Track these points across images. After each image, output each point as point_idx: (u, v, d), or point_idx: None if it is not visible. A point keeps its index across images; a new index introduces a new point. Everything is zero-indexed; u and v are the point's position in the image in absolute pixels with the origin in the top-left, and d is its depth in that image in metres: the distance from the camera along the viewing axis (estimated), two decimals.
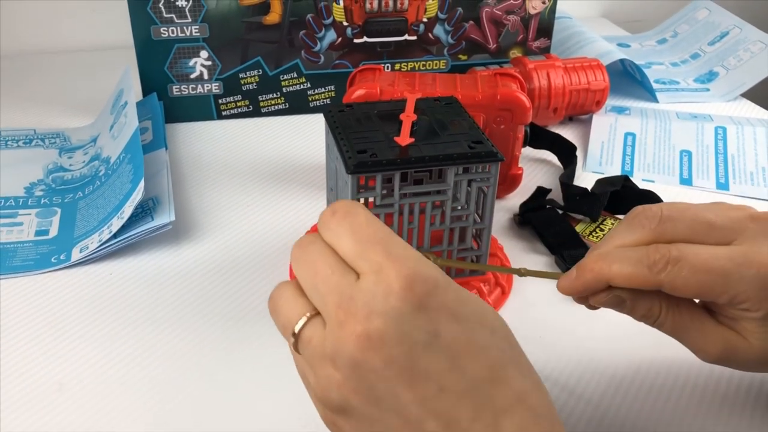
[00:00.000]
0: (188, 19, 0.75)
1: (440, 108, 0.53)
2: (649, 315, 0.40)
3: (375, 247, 0.32)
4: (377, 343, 0.30)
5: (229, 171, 0.71)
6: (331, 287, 0.32)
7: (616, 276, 0.38)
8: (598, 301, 0.40)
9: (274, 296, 0.35)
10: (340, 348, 0.31)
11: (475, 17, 0.82)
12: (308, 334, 0.33)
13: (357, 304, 0.31)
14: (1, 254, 0.58)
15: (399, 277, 0.31)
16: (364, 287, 0.31)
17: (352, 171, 0.46)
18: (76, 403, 0.45)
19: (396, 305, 0.31)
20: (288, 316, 0.34)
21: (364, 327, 0.31)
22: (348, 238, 0.33)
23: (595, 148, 0.76)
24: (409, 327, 0.31)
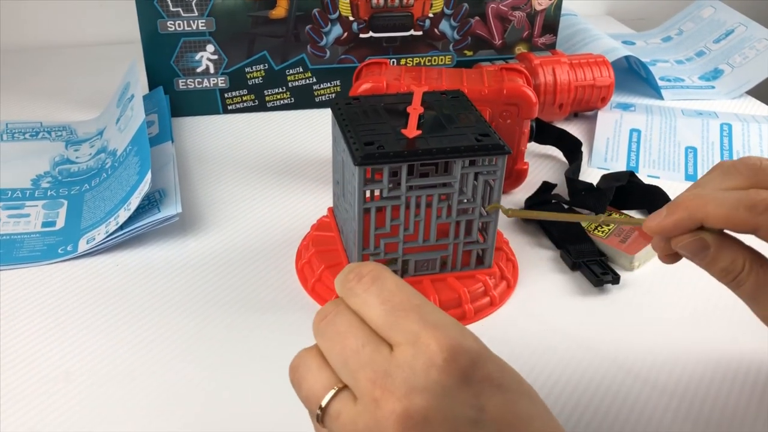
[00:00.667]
0: (195, 12, 0.76)
1: (447, 101, 0.53)
2: (731, 269, 0.37)
3: (409, 316, 0.30)
4: (420, 422, 0.28)
5: (235, 164, 0.72)
6: (363, 362, 0.29)
7: (712, 214, 0.36)
8: (681, 245, 0.37)
9: (296, 365, 0.32)
10: (374, 426, 0.28)
11: (481, 13, 0.82)
12: (337, 407, 0.30)
13: (395, 381, 0.29)
14: (8, 245, 0.58)
15: (440, 349, 0.29)
16: (401, 361, 0.29)
17: (359, 163, 0.46)
18: (83, 392, 0.45)
19: (438, 379, 0.28)
20: (313, 388, 0.31)
21: (404, 405, 0.28)
22: (378, 306, 0.30)
23: (601, 144, 0.76)
24: (453, 403, 0.29)
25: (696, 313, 0.54)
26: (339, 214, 0.57)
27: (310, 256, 0.56)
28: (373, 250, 0.51)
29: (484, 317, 0.53)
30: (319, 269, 0.54)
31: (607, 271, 0.56)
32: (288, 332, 0.51)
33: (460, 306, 0.52)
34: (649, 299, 0.55)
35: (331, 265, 0.54)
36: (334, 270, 0.53)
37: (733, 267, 0.37)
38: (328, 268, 0.54)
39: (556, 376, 0.47)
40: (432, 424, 0.28)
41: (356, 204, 0.48)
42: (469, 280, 0.53)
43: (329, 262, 0.54)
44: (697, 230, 0.37)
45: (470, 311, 0.52)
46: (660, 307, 0.54)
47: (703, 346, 0.50)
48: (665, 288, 0.56)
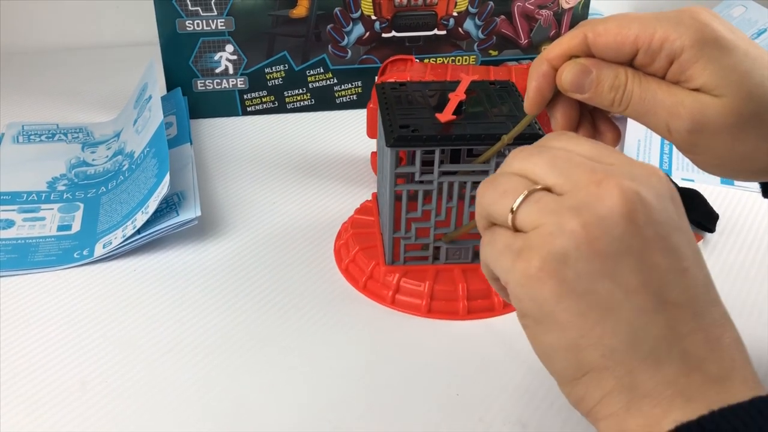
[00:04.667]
0: (214, 12, 0.74)
1: (495, 91, 0.53)
2: (616, 84, 0.38)
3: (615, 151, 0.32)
4: (641, 201, 0.30)
5: (254, 167, 0.70)
6: (577, 163, 0.31)
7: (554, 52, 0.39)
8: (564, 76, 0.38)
9: (487, 180, 0.34)
10: (592, 200, 0.30)
11: (507, 12, 0.80)
12: (536, 195, 0.31)
13: (616, 170, 0.30)
14: (23, 249, 0.56)
15: (656, 170, 0.31)
16: (621, 167, 0.31)
17: (391, 144, 0.46)
18: (99, 402, 0.44)
19: (657, 185, 0.31)
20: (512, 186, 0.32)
21: (628, 184, 0.30)
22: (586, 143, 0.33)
23: (632, 147, 0.73)
24: (667, 206, 0.31)
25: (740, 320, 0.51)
26: (379, 198, 0.57)
27: (347, 238, 0.56)
28: (404, 233, 0.51)
29: (513, 311, 0.51)
30: (354, 250, 0.55)
31: None
32: (313, 338, 0.49)
33: (489, 297, 0.52)
34: None
35: (366, 247, 0.54)
36: (368, 252, 0.54)
37: (618, 81, 0.38)
38: (362, 249, 0.54)
39: None
40: (652, 209, 0.30)
41: (388, 186, 0.49)
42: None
43: (364, 244, 0.55)
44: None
45: (499, 304, 0.52)
46: None
47: (749, 355, 0.48)
48: None
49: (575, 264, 0.30)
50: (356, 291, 0.53)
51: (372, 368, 0.47)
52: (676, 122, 0.37)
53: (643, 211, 0.30)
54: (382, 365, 0.47)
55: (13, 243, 0.57)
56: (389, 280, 0.52)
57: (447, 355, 0.48)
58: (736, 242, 0.59)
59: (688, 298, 0.30)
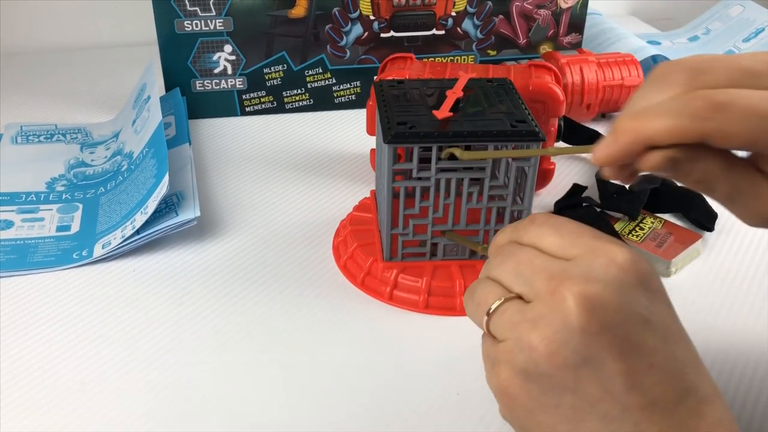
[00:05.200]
0: (212, 12, 0.74)
1: (492, 88, 0.53)
2: (704, 179, 0.34)
3: (584, 235, 0.31)
4: (597, 304, 0.29)
5: (253, 167, 0.70)
6: (538, 268, 0.31)
7: (658, 131, 0.32)
8: (650, 164, 0.33)
9: (470, 287, 0.34)
10: (548, 311, 0.30)
11: (505, 11, 0.80)
12: (504, 307, 0.32)
13: (573, 273, 0.30)
14: (22, 250, 0.56)
15: (621, 253, 0.30)
16: (579, 262, 0.30)
17: (389, 141, 0.47)
18: (99, 402, 0.44)
19: (618, 276, 0.30)
20: (484, 298, 0.32)
21: (581, 288, 0.29)
22: (552, 234, 0.32)
23: None
24: (629, 299, 0.30)
25: (739, 319, 0.51)
26: (377, 195, 0.57)
27: (345, 235, 0.56)
28: (402, 230, 0.51)
29: None
30: (352, 247, 0.55)
31: None
32: (324, 328, 0.49)
33: None
34: (689, 305, 0.52)
35: (364, 243, 0.55)
36: (366, 248, 0.54)
37: (705, 177, 0.34)
38: (360, 246, 0.54)
39: None
40: (607, 311, 0.29)
41: (385, 183, 0.49)
42: None
43: (362, 240, 0.55)
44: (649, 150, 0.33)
45: None
46: (700, 313, 0.52)
47: (748, 353, 0.48)
48: (705, 294, 0.53)
49: (538, 380, 0.30)
50: (354, 287, 0.54)
51: (370, 364, 0.47)
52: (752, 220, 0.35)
53: (597, 318, 0.29)
54: (381, 361, 0.47)
55: (12, 244, 0.57)
56: (387, 276, 0.52)
57: (445, 351, 0.48)
58: (735, 241, 0.59)
59: (655, 396, 0.29)
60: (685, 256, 0.56)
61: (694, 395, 0.30)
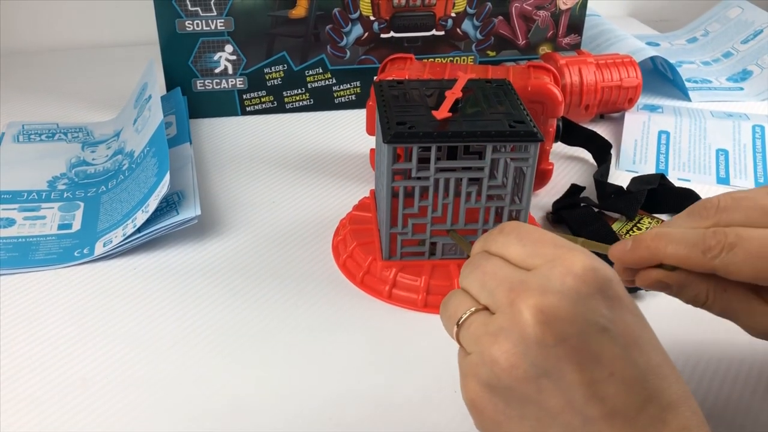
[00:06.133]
0: (213, 12, 0.74)
1: (491, 89, 0.53)
2: (696, 299, 0.39)
3: (546, 244, 0.32)
4: (552, 316, 0.30)
5: (254, 166, 0.70)
6: (500, 280, 0.32)
7: (671, 256, 0.37)
8: (644, 281, 0.39)
9: (444, 299, 0.35)
10: (507, 324, 0.30)
11: (505, 12, 0.81)
12: (471, 319, 0.32)
13: (530, 285, 0.30)
14: (24, 248, 0.57)
15: (578, 262, 0.31)
16: (537, 272, 0.31)
17: (388, 141, 0.47)
18: (100, 399, 0.44)
19: (574, 285, 0.30)
20: (455, 310, 0.34)
21: (537, 300, 0.30)
22: (516, 244, 0.33)
23: (629, 147, 0.74)
24: (586, 309, 0.30)
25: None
26: (376, 195, 0.58)
27: (345, 234, 0.57)
28: (401, 229, 0.52)
29: None
30: (351, 246, 0.55)
31: None
32: (323, 326, 0.49)
33: None
34: (687, 307, 0.53)
35: (363, 242, 0.55)
36: (366, 247, 0.54)
37: (697, 298, 0.39)
38: (360, 245, 0.55)
39: None
40: (563, 322, 0.29)
41: (385, 183, 0.49)
42: None
43: (362, 239, 0.55)
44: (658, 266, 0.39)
45: None
46: (695, 313, 0.52)
47: (743, 353, 0.48)
48: None
49: (502, 393, 0.31)
50: (354, 286, 0.54)
51: (369, 362, 0.47)
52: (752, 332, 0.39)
53: (553, 330, 0.30)
54: (380, 359, 0.47)
55: (14, 241, 0.57)
56: (386, 275, 0.52)
57: (443, 349, 0.48)
58: None
59: (615, 405, 0.29)
60: None
61: (656, 402, 0.30)
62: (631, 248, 0.39)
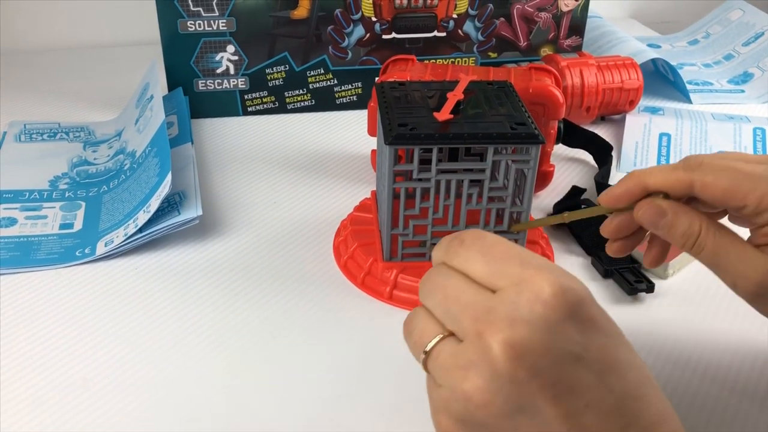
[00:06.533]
0: (215, 12, 0.74)
1: (492, 91, 0.53)
2: (689, 233, 0.39)
3: (511, 262, 0.30)
4: (523, 351, 0.28)
5: (255, 167, 0.70)
6: (465, 305, 0.30)
7: (654, 177, 0.40)
8: (640, 213, 0.40)
9: (408, 320, 0.34)
10: (477, 358, 0.29)
11: (506, 14, 0.81)
12: (438, 349, 0.31)
13: (498, 314, 0.29)
14: (25, 247, 0.57)
15: (546, 285, 0.29)
16: (504, 298, 0.30)
17: (390, 142, 0.47)
18: (101, 399, 0.44)
19: (543, 313, 0.29)
20: (420, 336, 0.32)
21: (506, 335, 0.29)
22: (479, 259, 0.31)
23: (629, 149, 0.74)
24: (557, 337, 0.29)
25: (736, 320, 0.51)
26: (377, 196, 0.58)
27: (346, 235, 0.57)
28: (402, 230, 0.52)
29: None
30: (353, 247, 0.55)
31: (640, 279, 0.54)
32: (324, 327, 0.49)
33: None
34: (685, 308, 0.53)
35: (364, 243, 0.55)
36: (366, 248, 0.55)
37: (691, 230, 0.39)
38: (360, 246, 0.55)
39: None
40: (535, 355, 0.28)
41: (386, 184, 0.49)
42: None
43: (363, 240, 0.55)
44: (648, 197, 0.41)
45: None
46: (696, 315, 0.52)
47: (745, 354, 0.48)
48: (701, 296, 0.54)
49: (477, 428, 0.30)
50: (354, 287, 0.54)
51: (370, 363, 0.47)
52: (742, 282, 0.38)
53: (526, 365, 0.28)
54: (380, 359, 0.47)
55: (16, 241, 0.58)
56: (387, 276, 0.53)
57: None
58: None
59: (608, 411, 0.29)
60: (683, 259, 0.56)
61: (636, 425, 0.29)
62: (617, 184, 0.41)
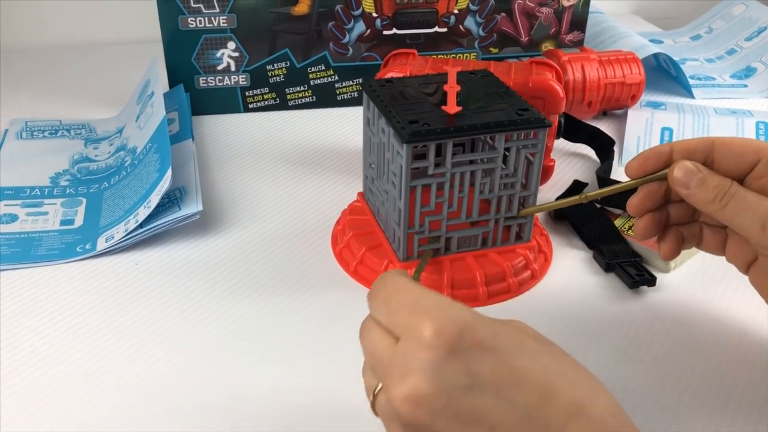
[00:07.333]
0: (216, 9, 0.74)
1: (477, 80, 0.54)
2: (722, 185, 0.42)
3: (402, 311, 0.33)
4: (418, 399, 0.31)
5: (256, 163, 0.70)
6: (377, 360, 0.34)
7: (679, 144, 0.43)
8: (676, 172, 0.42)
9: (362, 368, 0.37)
10: (392, 413, 0.32)
11: (508, 9, 0.80)
12: (378, 397, 0.34)
13: (394, 368, 0.32)
14: (26, 243, 0.57)
15: (425, 328, 0.32)
16: (398, 350, 0.32)
17: (407, 140, 0.46)
18: (102, 394, 0.44)
19: (428, 357, 0.31)
20: (367, 384, 0.36)
21: (401, 388, 0.31)
22: (382, 311, 0.35)
23: (631, 143, 0.74)
24: (445, 375, 0.31)
25: (738, 313, 0.51)
26: (373, 197, 0.57)
27: (348, 240, 0.56)
28: (418, 228, 0.51)
29: (527, 290, 0.54)
30: (360, 252, 0.54)
31: (642, 273, 0.54)
32: (333, 316, 0.50)
33: (504, 280, 0.53)
34: (687, 301, 0.53)
35: (372, 246, 0.54)
36: (376, 251, 0.54)
37: (723, 183, 0.42)
38: (369, 249, 0.54)
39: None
40: (429, 398, 0.31)
41: (402, 183, 0.48)
42: (511, 254, 0.54)
43: (369, 244, 0.55)
44: None
45: (514, 284, 0.53)
46: (698, 309, 0.52)
47: (747, 347, 0.48)
48: (703, 290, 0.54)
49: None
50: (360, 284, 0.54)
51: None
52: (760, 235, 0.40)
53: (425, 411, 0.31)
54: None
55: (17, 237, 0.58)
56: None
57: None
58: None
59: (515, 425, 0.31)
60: (685, 252, 0.56)
61: (548, 428, 0.31)
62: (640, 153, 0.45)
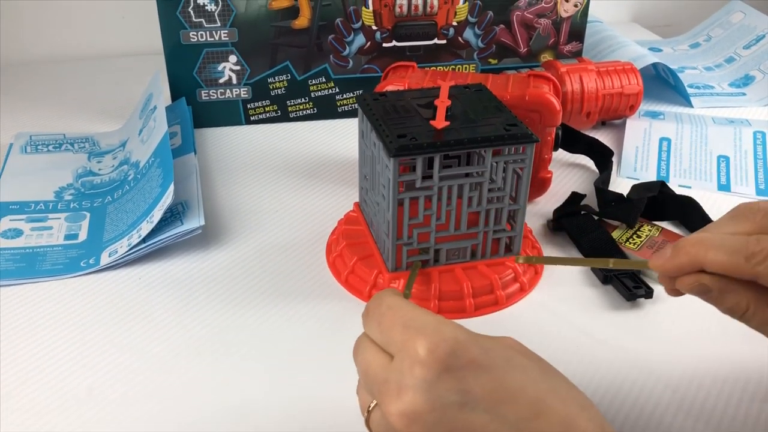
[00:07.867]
0: (217, 23, 0.75)
1: (471, 94, 0.55)
2: (736, 309, 0.37)
3: (395, 329, 0.34)
4: (413, 416, 0.32)
5: (258, 176, 0.71)
6: (372, 378, 0.35)
7: (711, 262, 0.36)
8: (684, 285, 0.38)
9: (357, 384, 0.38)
10: (387, 429, 0.33)
11: (506, 21, 0.81)
12: (372, 415, 0.36)
13: (389, 386, 0.33)
14: (30, 258, 0.58)
15: (420, 347, 0.32)
16: (393, 367, 0.33)
17: (394, 154, 0.47)
18: (105, 408, 0.45)
19: (421, 374, 0.32)
20: (362, 402, 0.37)
21: (397, 405, 0.32)
22: (375, 330, 0.36)
23: (630, 154, 0.74)
24: (438, 393, 0.32)
25: (734, 328, 0.51)
26: (367, 208, 0.57)
27: (341, 250, 0.57)
28: (407, 240, 0.52)
29: (516, 302, 0.54)
30: (352, 261, 0.55)
31: (639, 285, 0.54)
32: (326, 326, 0.51)
33: (492, 292, 0.53)
34: (685, 313, 0.53)
35: (363, 256, 0.55)
36: (367, 261, 0.55)
37: (737, 307, 0.37)
38: (360, 260, 0.55)
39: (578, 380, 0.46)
40: (423, 415, 0.32)
41: (390, 195, 0.49)
42: (500, 267, 0.54)
43: (361, 254, 0.55)
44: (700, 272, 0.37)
45: (502, 297, 0.53)
46: (696, 321, 0.52)
47: (743, 363, 0.48)
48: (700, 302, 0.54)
49: None
50: (355, 297, 0.54)
51: None
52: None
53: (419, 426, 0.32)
54: None
55: (21, 252, 0.58)
56: (395, 286, 0.53)
57: None
58: None
59: None
60: None
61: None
62: (671, 255, 0.38)
